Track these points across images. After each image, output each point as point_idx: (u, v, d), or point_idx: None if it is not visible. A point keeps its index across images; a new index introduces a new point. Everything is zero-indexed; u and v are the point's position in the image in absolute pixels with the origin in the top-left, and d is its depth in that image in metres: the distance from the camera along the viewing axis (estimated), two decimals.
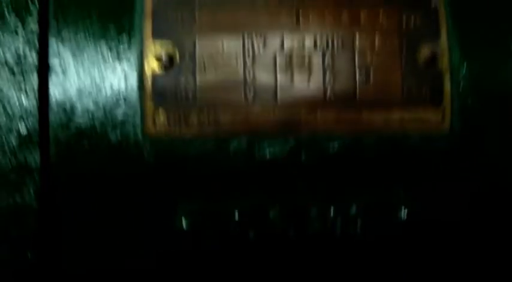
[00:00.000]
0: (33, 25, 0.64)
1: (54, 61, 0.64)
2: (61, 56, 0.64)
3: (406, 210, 0.65)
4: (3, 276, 0.63)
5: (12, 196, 0.63)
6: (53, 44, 0.65)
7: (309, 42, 0.65)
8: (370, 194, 0.65)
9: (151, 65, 0.64)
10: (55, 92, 0.64)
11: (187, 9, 0.65)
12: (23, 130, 0.63)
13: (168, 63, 0.64)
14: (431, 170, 0.66)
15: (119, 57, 0.65)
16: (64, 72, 0.64)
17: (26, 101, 0.63)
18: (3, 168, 0.63)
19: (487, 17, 0.67)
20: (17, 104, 0.63)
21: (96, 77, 0.64)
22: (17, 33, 0.64)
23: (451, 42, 0.66)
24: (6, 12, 0.64)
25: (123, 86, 0.64)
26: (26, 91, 0.64)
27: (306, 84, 0.65)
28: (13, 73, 0.63)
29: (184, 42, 0.64)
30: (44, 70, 0.64)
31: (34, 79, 0.64)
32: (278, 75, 0.65)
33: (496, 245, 0.67)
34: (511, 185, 0.66)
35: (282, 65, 0.65)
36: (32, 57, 0.64)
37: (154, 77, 0.64)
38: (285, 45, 0.65)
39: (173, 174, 0.64)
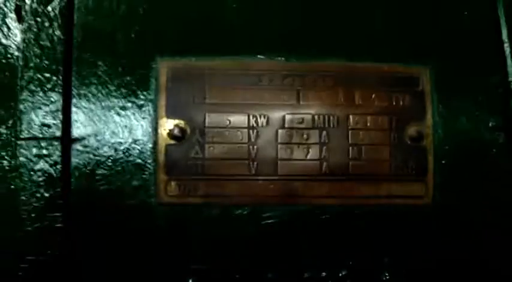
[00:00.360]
0: (57, 99, 0.71)
1: (76, 132, 0.71)
2: (82, 127, 0.71)
3: (388, 274, 0.72)
4: None
5: (37, 255, 0.69)
6: (75, 116, 0.71)
7: (307, 120, 0.72)
8: (357, 259, 0.73)
9: (165, 140, 0.71)
10: (77, 160, 0.71)
11: (198, 88, 0.72)
12: (47, 195, 0.70)
13: (180, 139, 0.70)
14: (413, 237, 0.73)
15: (135, 131, 0.71)
16: (85, 142, 0.71)
17: (50, 168, 0.70)
18: (28, 229, 0.69)
19: (469, 100, 0.74)
20: (42, 171, 0.70)
21: (114, 147, 0.71)
22: (42, 106, 0.70)
23: (436, 122, 0.73)
24: (32, 86, 0.71)
25: (138, 157, 0.71)
26: (50, 159, 0.70)
27: (304, 158, 0.72)
28: (39, 142, 0.70)
29: (195, 119, 0.71)
30: (66, 140, 0.70)
31: (58, 148, 0.70)
32: (279, 150, 0.72)
33: None
34: (488, 252, 0.73)
35: (283, 140, 0.72)
36: (57, 128, 0.70)
37: (167, 150, 0.71)
38: (286, 123, 0.72)
39: (182, 238, 0.71)
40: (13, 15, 0.80)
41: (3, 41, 0.81)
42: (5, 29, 0.81)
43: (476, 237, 0.73)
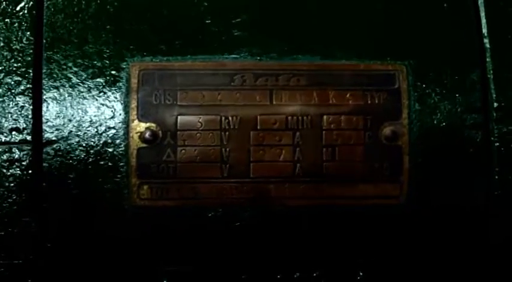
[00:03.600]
0: (27, 102, 0.70)
1: (48, 135, 0.70)
2: (53, 131, 0.70)
3: (362, 273, 0.72)
4: None
5: (11, 259, 0.70)
6: (46, 119, 0.70)
7: (281, 121, 0.71)
8: (331, 259, 0.73)
9: (136, 143, 0.70)
10: (48, 164, 0.70)
11: (169, 90, 0.71)
12: (19, 200, 0.70)
13: (151, 142, 0.70)
14: (387, 237, 0.73)
15: (106, 134, 0.71)
16: (56, 145, 0.70)
17: (22, 173, 0.70)
18: (1, 234, 0.70)
19: (447, 97, 0.73)
20: (14, 176, 0.70)
21: (86, 151, 0.71)
22: (11, 110, 0.70)
23: (411, 121, 0.72)
24: (1, 90, 0.70)
25: (110, 160, 0.71)
26: (21, 164, 0.70)
27: (276, 160, 0.71)
28: (9, 148, 0.70)
29: (166, 122, 0.70)
30: (37, 144, 0.70)
31: (29, 153, 0.70)
32: (251, 152, 0.71)
33: None
34: (459, 252, 0.73)
35: (255, 142, 0.71)
36: (27, 133, 0.70)
37: (139, 153, 0.70)
38: (259, 124, 0.71)
39: (154, 240, 0.71)
40: None
41: None
42: None
43: (447, 237, 0.73)
